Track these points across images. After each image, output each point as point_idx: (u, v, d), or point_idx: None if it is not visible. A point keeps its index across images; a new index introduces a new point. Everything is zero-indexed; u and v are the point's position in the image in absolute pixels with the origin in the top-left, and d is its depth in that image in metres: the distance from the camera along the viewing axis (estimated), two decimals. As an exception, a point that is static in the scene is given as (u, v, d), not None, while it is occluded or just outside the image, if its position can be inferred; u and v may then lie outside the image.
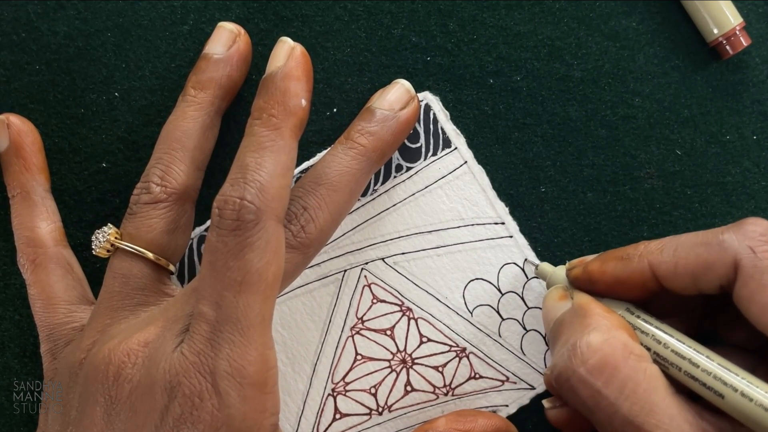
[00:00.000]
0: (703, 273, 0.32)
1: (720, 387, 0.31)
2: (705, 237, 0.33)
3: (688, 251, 0.33)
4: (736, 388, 0.30)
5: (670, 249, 0.34)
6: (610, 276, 0.35)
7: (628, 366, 0.31)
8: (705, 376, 0.31)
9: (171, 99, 0.42)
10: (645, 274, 0.34)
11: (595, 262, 0.36)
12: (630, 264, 0.35)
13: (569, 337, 0.33)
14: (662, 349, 0.33)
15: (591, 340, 0.32)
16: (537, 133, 0.42)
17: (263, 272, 0.32)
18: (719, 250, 0.32)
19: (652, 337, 0.34)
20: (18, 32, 0.42)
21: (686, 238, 0.34)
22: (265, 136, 0.34)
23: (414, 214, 0.42)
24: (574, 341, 0.33)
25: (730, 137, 0.42)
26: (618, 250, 0.36)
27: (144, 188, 0.38)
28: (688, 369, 0.32)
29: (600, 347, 0.32)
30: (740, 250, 0.31)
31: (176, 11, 0.42)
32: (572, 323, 0.34)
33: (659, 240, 0.35)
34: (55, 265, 0.40)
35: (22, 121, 0.41)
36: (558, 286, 0.38)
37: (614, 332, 0.33)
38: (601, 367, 0.32)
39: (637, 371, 0.31)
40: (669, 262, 0.33)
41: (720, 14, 0.41)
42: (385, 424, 0.42)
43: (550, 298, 0.38)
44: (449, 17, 0.42)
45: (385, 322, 0.42)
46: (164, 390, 0.32)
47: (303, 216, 0.36)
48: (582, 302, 0.35)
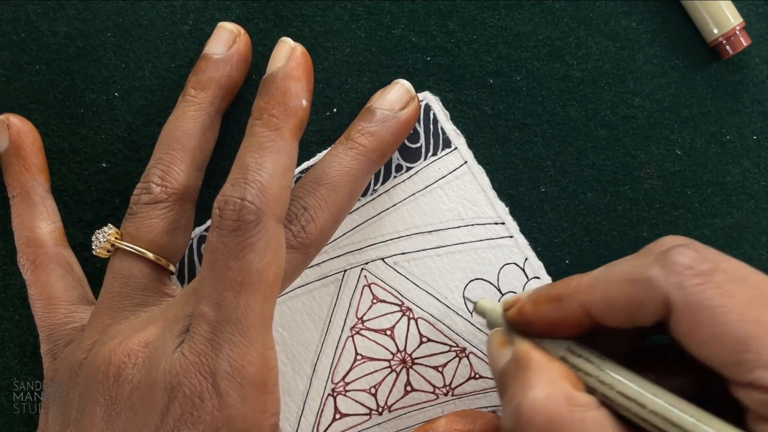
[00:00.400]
0: (637, 312, 0.31)
1: (669, 427, 0.30)
2: (633, 272, 0.31)
3: (618, 289, 0.32)
4: (685, 428, 0.29)
5: (600, 287, 0.32)
6: (544, 319, 0.34)
7: (574, 420, 0.30)
8: (653, 417, 0.30)
9: (171, 99, 0.42)
10: (578, 314, 0.33)
11: (529, 304, 0.35)
12: (562, 305, 0.33)
13: (513, 395, 0.32)
14: (608, 391, 0.32)
15: (534, 399, 0.31)
16: (537, 133, 0.42)
17: (263, 272, 0.32)
18: (648, 289, 0.31)
19: (596, 379, 0.32)
20: (18, 32, 0.42)
21: (615, 272, 0.32)
22: (265, 136, 0.34)
23: (414, 214, 0.42)
24: (518, 402, 0.31)
25: (730, 137, 0.42)
26: (550, 288, 0.35)
27: (144, 188, 0.38)
28: (635, 410, 0.31)
29: (544, 406, 0.31)
30: (669, 288, 0.30)
31: (176, 11, 0.42)
32: (515, 378, 0.33)
33: (590, 275, 0.33)
34: (55, 265, 0.40)
35: (22, 121, 0.41)
36: (497, 331, 0.37)
37: (556, 385, 0.31)
38: (547, 426, 0.30)
39: (584, 423, 0.30)
40: (600, 301, 0.32)
41: (720, 14, 0.41)
42: (385, 425, 0.42)
43: (491, 345, 0.36)
44: (449, 17, 0.42)
45: (385, 322, 0.42)
46: (164, 390, 0.32)
47: (303, 216, 0.36)
48: (521, 352, 0.34)
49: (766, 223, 0.42)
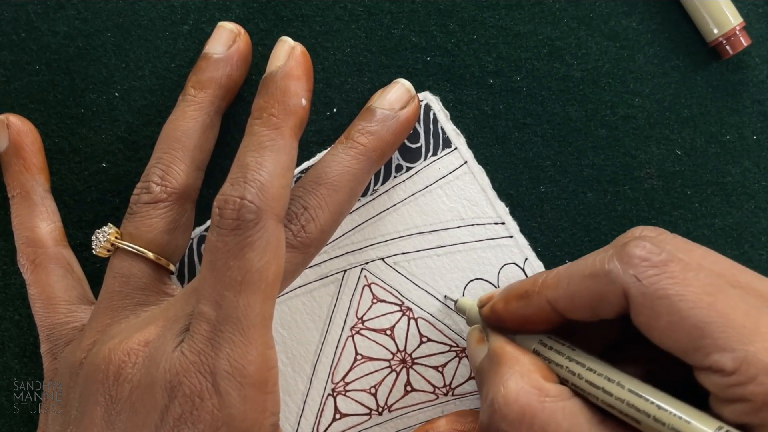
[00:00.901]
0: (598, 305, 0.32)
1: (634, 413, 0.30)
2: (593, 267, 0.32)
3: (580, 284, 0.32)
4: (649, 413, 0.30)
5: (563, 283, 0.33)
6: (514, 314, 0.35)
7: (545, 411, 0.31)
8: (619, 403, 0.31)
9: (171, 99, 0.42)
10: (545, 309, 0.34)
11: (500, 301, 0.36)
12: (530, 302, 0.34)
13: (488, 390, 0.33)
14: (577, 380, 0.33)
15: (506, 393, 0.32)
16: (537, 133, 0.42)
17: (263, 272, 0.32)
18: (607, 282, 0.31)
19: (566, 369, 0.33)
20: (18, 32, 0.42)
21: (577, 268, 0.33)
22: (265, 135, 0.34)
23: (414, 214, 0.42)
24: (492, 396, 0.32)
25: (730, 137, 0.42)
26: (518, 285, 0.36)
27: (144, 188, 0.38)
28: (603, 398, 0.31)
29: (516, 398, 0.32)
30: (626, 280, 0.31)
31: (176, 11, 0.42)
32: (489, 373, 0.34)
33: (555, 272, 0.34)
34: (55, 265, 0.40)
35: (22, 121, 0.41)
36: (475, 328, 0.38)
37: (527, 378, 0.32)
38: (520, 418, 0.31)
39: (556, 413, 0.31)
40: (564, 296, 0.33)
41: (720, 14, 0.41)
42: (385, 424, 0.42)
43: (469, 342, 0.38)
44: (449, 17, 0.42)
45: (385, 322, 0.42)
46: (164, 389, 0.32)
47: (303, 215, 0.36)
48: (495, 347, 0.35)
49: (766, 223, 0.42)
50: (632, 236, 0.33)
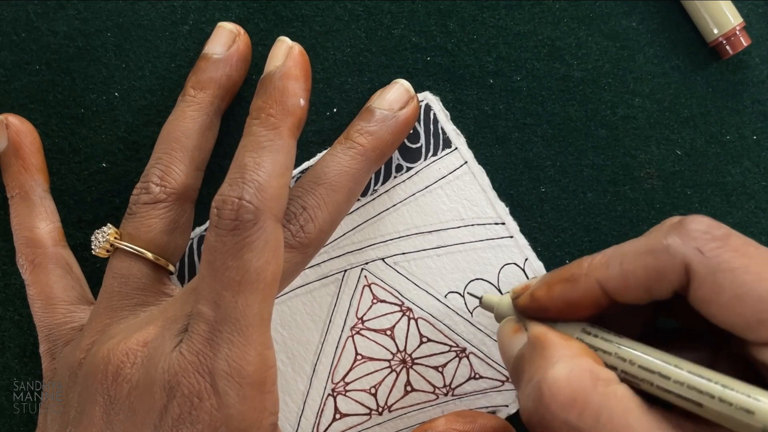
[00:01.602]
0: (655, 283, 0.31)
1: (696, 396, 0.29)
2: (649, 244, 0.31)
3: (635, 263, 0.32)
4: (713, 395, 0.29)
5: (616, 263, 0.32)
6: (559, 300, 0.34)
7: (598, 394, 0.30)
8: (678, 387, 0.30)
9: (171, 99, 0.42)
10: (594, 292, 0.33)
11: (541, 288, 0.35)
12: (577, 285, 0.33)
13: (532, 374, 0.32)
14: (628, 367, 0.32)
15: (556, 375, 0.31)
16: (537, 133, 0.42)
17: (262, 272, 0.32)
18: (667, 257, 0.31)
19: (615, 356, 0.32)
20: (18, 32, 0.42)
21: (630, 247, 0.32)
22: (263, 135, 0.34)
23: (414, 214, 0.42)
24: (539, 378, 0.31)
25: (730, 137, 0.42)
26: (562, 270, 0.35)
27: (143, 188, 0.38)
28: (659, 383, 0.30)
29: (567, 380, 0.30)
30: (688, 253, 0.30)
31: (176, 11, 0.42)
32: (532, 359, 0.33)
33: (602, 253, 0.33)
34: (54, 265, 0.40)
35: (21, 121, 0.41)
36: (509, 319, 0.37)
37: (577, 361, 0.31)
38: (572, 400, 0.30)
39: (609, 397, 0.30)
40: (618, 276, 0.32)
41: (720, 14, 0.41)
42: (385, 424, 0.42)
43: (503, 334, 0.36)
44: (449, 17, 0.42)
45: (385, 322, 0.42)
46: (163, 390, 0.32)
47: (302, 216, 0.36)
48: (538, 333, 0.34)
49: (766, 223, 0.42)
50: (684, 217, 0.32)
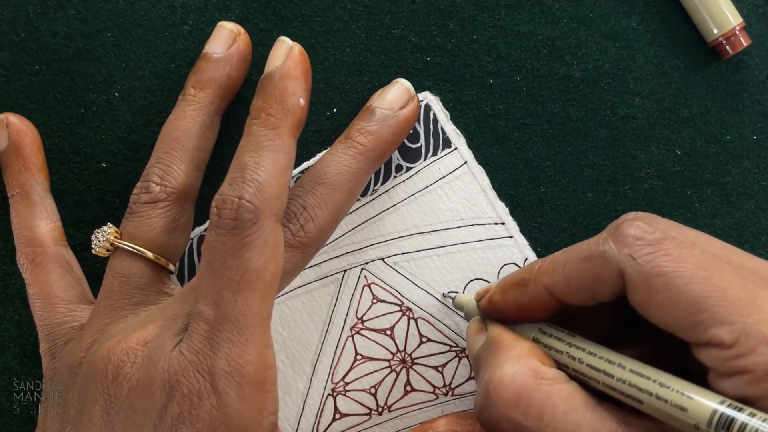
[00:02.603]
0: (594, 287, 0.32)
1: (636, 393, 0.30)
2: (588, 250, 0.32)
3: (576, 267, 0.32)
4: (651, 392, 0.30)
5: (560, 267, 0.33)
6: (512, 304, 0.35)
7: (541, 393, 0.31)
8: (621, 384, 0.31)
9: (171, 99, 0.42)
10: (543, 296, 0.34)
11: (497, 292, 0.36)
12: (527, 289, 0.34)
13: (484, 373, 0.33)
14: (578, 365, 0.33)
15: (502, 375, 0.32)
16: (537, 133, 0.42)
17: (261, 271, 0.32)
18: (602, 263, 0.31)
19: (566, 355, 0.33)
20: (18, 32, 0.42)
21: (573, 252, 0.33)
22: (263, 135, 0.34)
23: (414, 214, 0.42)
24: (487, 378, 0.32)
25: (730, 137, 0.42)
26: (514, 274, 0.36)
27: (144, 188, 0.38)
28: (604, 380, 0.32)
29: (512, 380, 0.32)
30: (621, 260, 0.31)
31: (176, 11, 0.42)
32: (487, 359, 0.34)
33: (551, 258, 0.34)
34: (55, 264, 0.40)
35: (22, 120, 0.41)
36: (474, 320, 0.38)
37: (524, 361, 0.32)
38: (516, 399, 0.31)
39: (552, 395, 0.31)
40: (561, 281, 0.33)
41: (720, 14, 0.41)
42: (385, 424, 0.42)
43: (468, 334, 0.38)
44: (449, 17, 0.42)
45: (385, 322, 0.42)
46: (163, 389, 0.32)
47: (302, 215, 0.36)
48: (493, 334, 0.35)
49: (766, 223, 0.42)
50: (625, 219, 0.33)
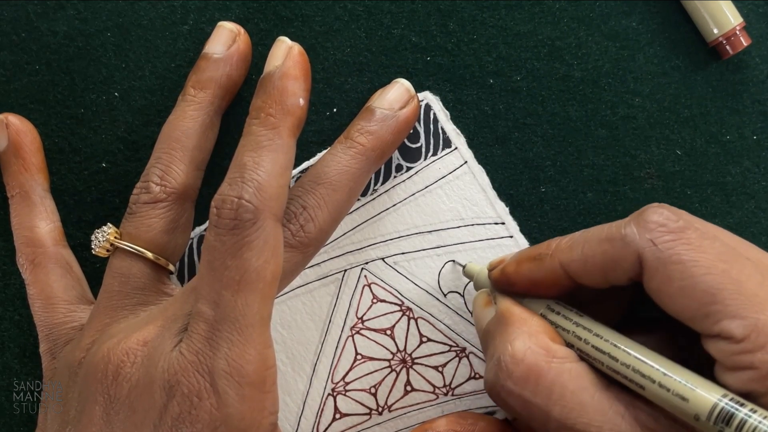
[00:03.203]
0: (611, 269, 0.32)
1: (639, 379, 0.30)
2: (609, 232, 0.32)
3: (595, 248, 0.33)
4: (654, 379, 0.30)
5: (578, 246, 0.33)
6: (525, 277, 0.35)
7: (552, 371, 0.31)
8: (624, 369, 0.31)
9: (171, 99, 0.42)
10: (557, 272, 0.34)
11: (511, 263, 0.36)
12: (542, 264, 0.34)
13: (494, 349, 0.33)
14: (583, 345, 0.33)
15: (514, 352, 0.32)
16: (537, 133, 0.42)
17: (261, 271, 0.32)
18: (622, 246, 0.32)
19: (573, 334, 0.33)
20: (18, 32, 0.42)
21: (593, 233, 0.33)
22: (263, 135, 0.34)
23: (414, 214, 0.42)
24: (498, 354, 0.33)
25: (730, 137, 0.42)
26: (532, 249, 0.36)
27: (143, 188, 0.38)
28: (608, 363, 0.32)
29: (523, 357, 0.32)
30: (641, 244, 0.31)
31: (176, 11, 0.42)
32: (496, 333, 0.34)
33: (569, 236, 0.34)
34: (54, 264, 0.40)
35: (21, 120, 0.41)
36: (482, 291, 0.38)
37: (535, 338, 0.33)
38: (526, 376, 0.32)
39: (562, 374, 0.31)
40: (578, 260, 0.33)
41: (720, 14, 0.41)
42: (385, 424, 0.42)
43: (476, 305, 0.38)
44: (449, 17, 0.42)
45: (385, 322, 0.42)
46: (163, 389, 0.32)
47: (302, 215, 0.36)
48: (503, 309, 0.35)
49: (766, 223, 0.42)
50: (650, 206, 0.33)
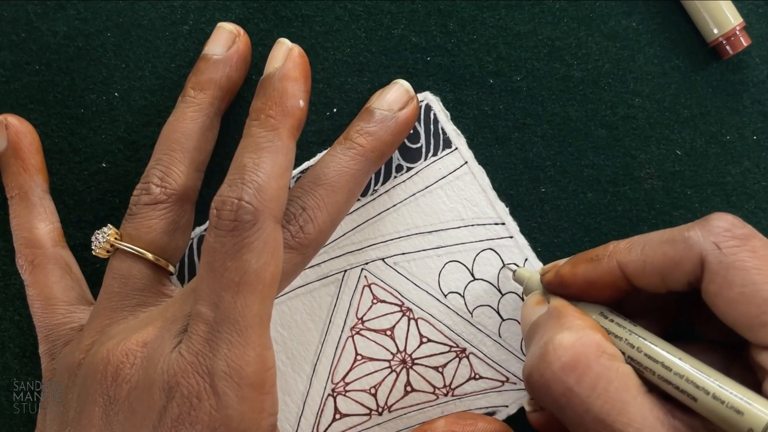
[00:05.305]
0: (671, 271, 0.32)
1: (692, 390, 0.30)
2: (671, 234, 0.33)
3: (655, 249, 0.33)
4: (708, 391, 0.30)
5: (638, 248, 0.34)
6: (581, 278, 0.35)
7: (600, 364, 0.31)
8: (678, 379, 0.31)
9: (171, 99, 0.42)
10: (615, 274, 0.34)
11: (567, 265, 0.36)
12: (600, 265, 0.35)
13: (542, 336, 0.33)
14: (635, 353, 0.33)
15: (564, 338, 0.32)
16: (537, 133, 0.42)
17: (261, 273, 0.32)
18: (685, 248, 0.32)
19: (625, 341, 0.33)
20: (18, 32, 0.42)
21: (654, 236, 0.33)
22: (262, 136, 0.34)
23: (414, 214, 0.42)
24: (547, 339, 0.33)
25: (730, 137, 0.42)
26: (588, 252, 0.36)
27: (144, 189, 0.38)
28: (661, 372, 0.32)
29: (573, 345, 0.32)
30: (705, 247, 0.31)
31: (176, 11, 0.42)
32: (546, 324, 0.34)
33: (628, 239, 0.35)
34: (54, 265, 0.40)
35: (21, 121, 0.41)
36: (536, 293, 0.38)
37: (587, 331, 0.33)
38: (574, 364, 0.31)
39: (610, 370, 0.31)
40: (637, 261, 0.33)
41: (720, 14, 0.41)
42: (385, 425, 0.42)
43: (527, 305, 0.38)
44: (449, 17, 0.42)
45: (385, 323, 0.42)
46: (162, 390, 0.32)
47: (302, 216, 0.36)
48: (557, 305, 0.35)
49: (766, 223, 0.42)
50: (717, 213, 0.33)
